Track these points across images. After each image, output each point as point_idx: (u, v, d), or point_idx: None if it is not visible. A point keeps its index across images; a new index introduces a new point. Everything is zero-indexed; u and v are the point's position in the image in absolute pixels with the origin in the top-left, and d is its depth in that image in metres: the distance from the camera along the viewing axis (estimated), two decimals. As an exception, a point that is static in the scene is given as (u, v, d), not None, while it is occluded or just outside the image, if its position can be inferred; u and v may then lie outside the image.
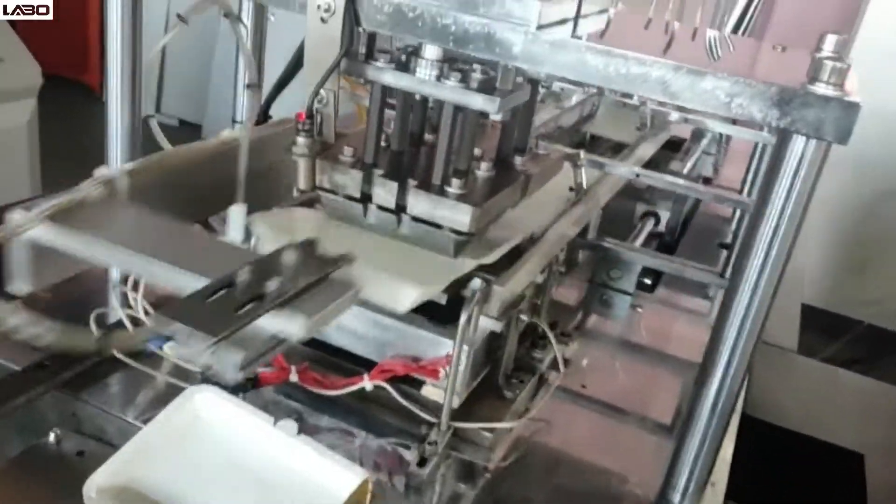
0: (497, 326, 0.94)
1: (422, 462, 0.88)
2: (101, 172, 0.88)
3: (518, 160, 1.03)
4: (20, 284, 0.80)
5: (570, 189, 1.29)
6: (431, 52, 0.89)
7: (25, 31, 4.96)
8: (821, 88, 0.71)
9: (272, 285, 0.68)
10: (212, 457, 0.80)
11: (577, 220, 1.16)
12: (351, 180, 0.93)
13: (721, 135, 1.95)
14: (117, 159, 1.05)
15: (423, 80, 0.89)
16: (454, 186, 0.91)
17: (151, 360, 0.95)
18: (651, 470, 0.93)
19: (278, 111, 1.19)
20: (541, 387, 1.08)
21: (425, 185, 0.92)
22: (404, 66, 0.90)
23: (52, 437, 0.88)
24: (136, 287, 0.93)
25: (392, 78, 0.90)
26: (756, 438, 1.10)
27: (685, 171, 1.75)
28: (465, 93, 0.87)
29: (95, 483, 0.73)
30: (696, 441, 0.87)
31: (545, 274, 1.09)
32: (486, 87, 0.88)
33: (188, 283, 0.69)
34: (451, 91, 0.88)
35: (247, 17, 1.22)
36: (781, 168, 0.75)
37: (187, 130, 4.68)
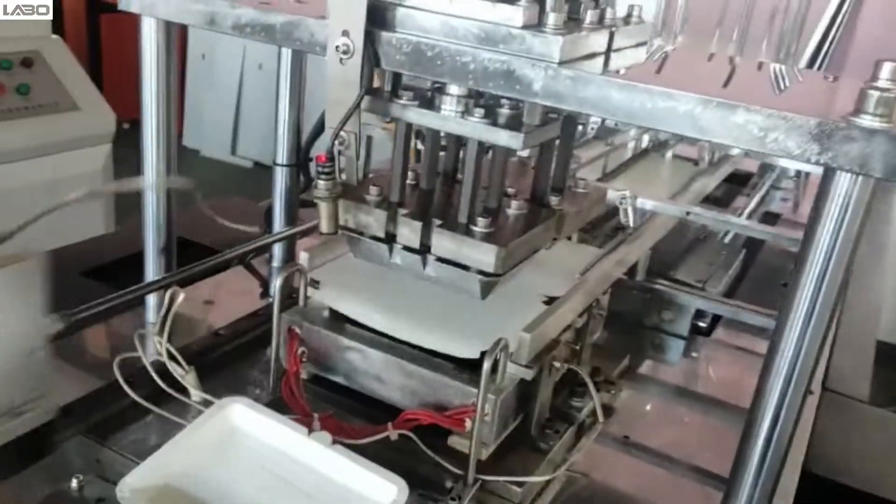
0: (527, 374, 0.89)
1: (443, 519, 0.83)
2: None
3: (554, 199, 0.99)
4: None
5: (617, 229, 1.24)
6: (455, 87, 0.86)
7: (108, 77, 5.23)
8: (866, 120, 0.65)
9: None
10: (246, 463, 0.81)
11: (619, 262, 1.11)
12: (375, 220, 0.91)
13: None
14: (153, 181, 1.06)
15: (447, 116, 0.86)
16: (480, 225, 0.87)
17: (177, 407, 0.94)
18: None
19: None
20: (581, 437, 1.02)
21: (450, 225, 0.89)
22: (429, 103, 0.88)
23: (74, 482, 0.87)
24: (161, 331, 0.92)
25: (415, 115, 0.88)
26: (818, 498, 1.01)
27: (750, 207, 1.67)
28: (489, 129, 0.84)
29: (128, 484, 0.74)
30: (742, 499, 0.80)
31: (584, 318, 1.04)
32: (512, 123, 0.85)
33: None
34: (474, 127, 0.85)
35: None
36: (826, 207, 0.69)
37: (261, 171, 4.80)
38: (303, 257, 0.98)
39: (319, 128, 1.21)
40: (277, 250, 1.29)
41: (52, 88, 2.70)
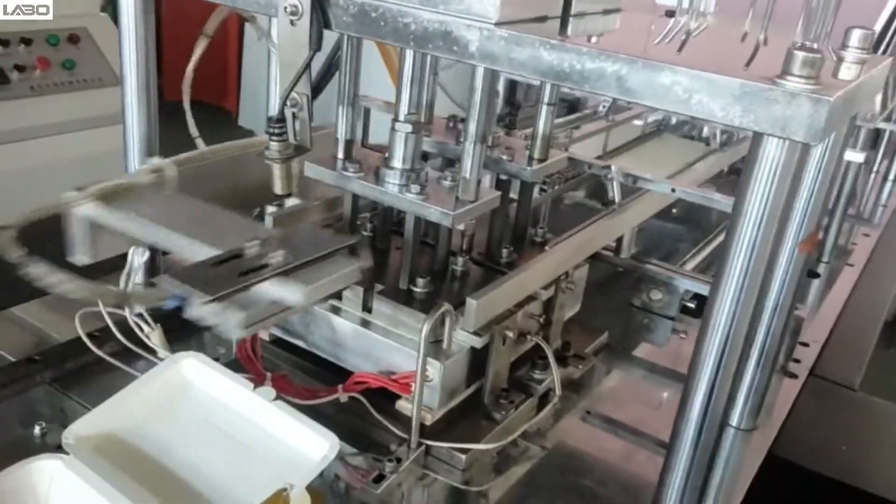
0: (476, 342, 0.89)
1: (378, 479, 0.84)
2: (152, 162, 0.99)
3: (504, 252, 1.00)
4: (80, 257, 0.91)
5: (603, 204, 1.23)
6: (398, 161, 0.90)
7: (168, 57, 5.37)
8: (791, 82, 0.63)
9: (278, 257, 0.77)
10: (192, 415, 0.83)
11: (593, 237, 1.09)
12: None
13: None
14: (134, 149, 1.09)
15: (386, 191, 0.90)
16: (419, 286, 0.91)
17: (141, 364, 0.97)
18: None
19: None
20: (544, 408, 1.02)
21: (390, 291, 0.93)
22: (374, 176, 0.90)
23: (37, 429, 0.91)
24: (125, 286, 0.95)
25: (358, 187, 0.92)
26: (784, 484, 0.98)
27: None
28: (423, 206, 0.87)
29: (73, 432, 0.77)
30: (680, 472, 0.79)
31: (551, 290, 1.03)
32: (445, 200, 0.88)
33: (206, 254, 0.80)
34: (410, 203, 0.88)
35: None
36: (754, 171, 0.67)
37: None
38: (267, 219, 0.99)
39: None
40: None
41: (97, 64, 2.78)
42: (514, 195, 1.07)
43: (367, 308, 0.93)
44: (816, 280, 1.53)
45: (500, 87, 1.55)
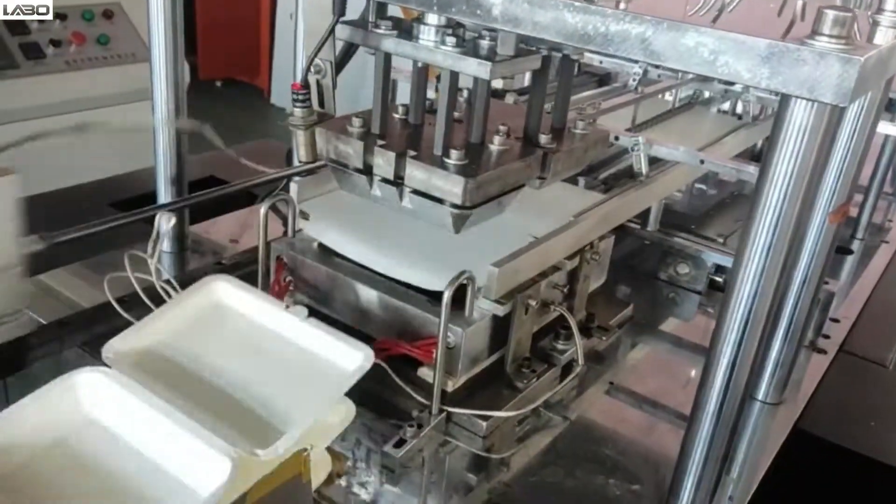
0: (498, 310, 0.89)
1: (399, 443, 0.84)
2: None
3: (543, 138, 0.97)
4: None
5: (630, 176, 1.21)
6: (433, 17, 0.86)
7: (203, 37, 5.40)
8: (821, 42, 0.61)
9: None
10: (226, 332, 0.84)
11: (620, 208, 1.08)
12: (354, 151, 0.92)
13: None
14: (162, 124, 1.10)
15: (421, 46, 0.86)
16: (452, 158, 0.87)
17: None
18: (664, 475, 0.85)
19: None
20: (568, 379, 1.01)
21: (424, 156, 0.89)
22: (406, 33, 0.88)
23: (68, 389, 0.93)
24: (152, 253, 0.96)
25: (392, 44, 0.88)
26: (810, 458, 0.96)
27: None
28: (459, 58, 0.84)
29: (113, 347, 0.78)
30: (701, 443, 0.78)
31: (575, 261, 1.02)
32: (482, 53, 0.84)
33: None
34: (445, 56, 0.84)
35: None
36: (781, 135, 0.65)
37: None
38: (292, 188, 1.00)
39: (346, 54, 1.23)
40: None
41: (131, 39, 2.81)
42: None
43: (399, 176, 0.90)
44: (850, 257, 1.51)
45: None
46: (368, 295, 0.95)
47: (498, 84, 1.25)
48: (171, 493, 0.67)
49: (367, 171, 0.92)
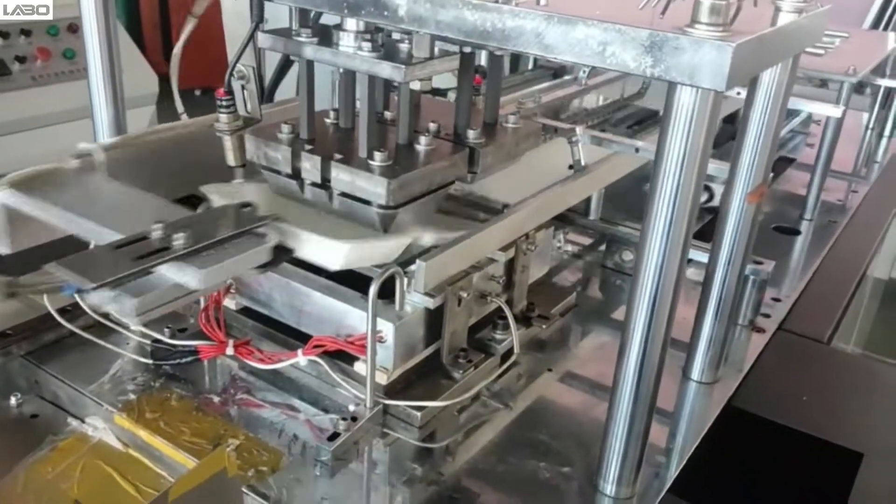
0: (429, 303, 0.91)
1: (332, 437, 0.86)
2: (80, 147, 0.99)
3: (472, 133, 0.99)
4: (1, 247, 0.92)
5: (570, 167, 1.23)
6: (351, 23, 0.88)
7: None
8: (699, 30, 0.64)
9: (182, 239, 0.75)
10: None
11: (554, 200, 1.10)
12: (282, 156, 0.94)
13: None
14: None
15: (340, 52, 0.88)
16: (376, 159, 0.89)
17: (113, 338, 1.01)
18: (594, 456, 0.87)
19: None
20: (509, 369, 1.04)
21: (349, 159, 0.91)
22: (327, 40, 0.90)
23: (13, 399, 0.95)
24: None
25: (311, 51, 0.90)
26: (748, 436, 0.99)
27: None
28: (375, 62, 0.86)
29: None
30: (621, 422, 0.80)
31: (510, 252, 1.04)
32: (397, 56, 0.86)
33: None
34: (362, 61, 0.87)
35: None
36: (671, 120, 0.68)
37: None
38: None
39: (280, 73, 1.25)
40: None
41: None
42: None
43: (326, 179, 0.91)
44: (800, 237, 1.53)
45: None
46: (304, 294, 0.97)
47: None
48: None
49: (297, 175, 0.94)
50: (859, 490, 0.86)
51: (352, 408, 0.91)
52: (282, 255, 0.85)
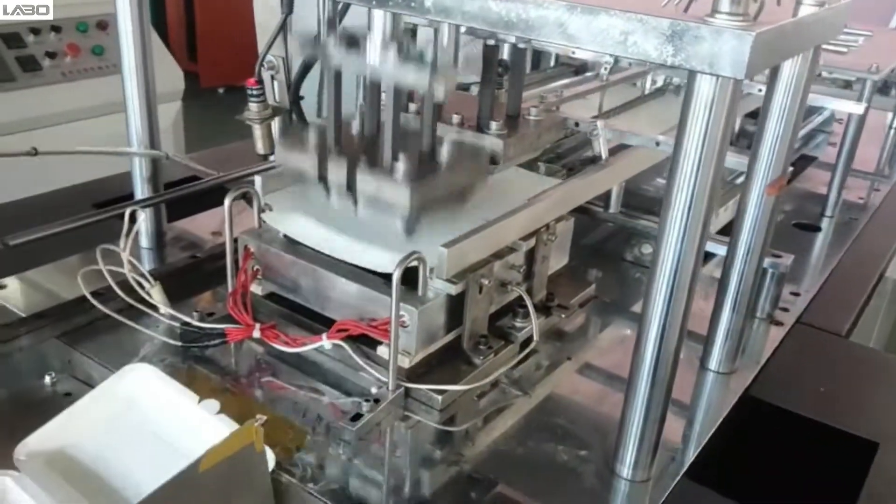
0: (451, 289, 0.93)
1: (355, 417, 0.89)
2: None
3: (494, 125, 1.01)
4: None
5: (591, 160, 1.25)
6: (378, 31, 0.90)
7: (202, 46, 5.47)
8: (719, 19, 0.65)
9: None
10: (140, 429, 0.86)
11: (575, 191, 1.12)
12: (309, 161, 0.96)
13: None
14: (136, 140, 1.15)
15: (366, 59, 0.90)
16: (399, 165, 0.92)
17: (144, 321, 1.03)
18: (611, 442, 0.88)
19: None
20: (529, 357, 1.06)
21: (373, 165, 0.93)
22: (355, 47, 0.92)
23: (47, 379, 0.98)
24: (124, 246, 1.01)
25: (338, 58, 0.92)
26: (764, 425, 1.00)
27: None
28: (399, 69, 0.88)
29: (27, 447, 0.80)
30: (638, 407, 0.82)
31: (531, 242, 1.06)
32: (421, 64, 0.88)
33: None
34: (385, 68, 0.89)
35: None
36: (690, 109, 0.69)
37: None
38: (257, 181, 1.04)
39: (304, 69, 1.27)
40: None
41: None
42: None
43: (350, 183, 0.93)
44: (821, 234, 1.54)
45: None
46: (330, 280, 0.99)
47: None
48: None
49: (323, 180, 0.96)
50: (874, 478, 0.87)
51: (374, 390, 0.94)
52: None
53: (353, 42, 0.91)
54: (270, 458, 0.79)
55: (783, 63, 0.88)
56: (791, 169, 0.95)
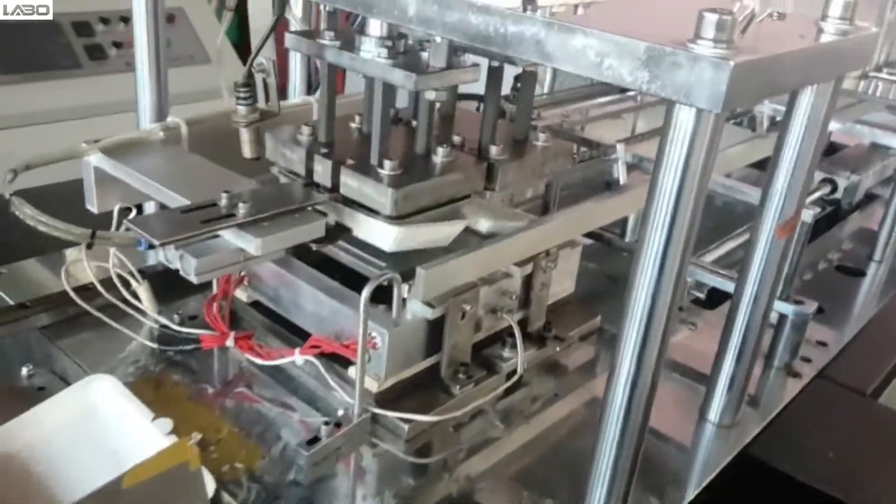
0: (427, 313, 0.89)
1: (312, 441, 0.85)
2: (168, 120, 1.07)
3: (494, 149, 0.96)
4: (90, 205, 0.99)
5: (607, 185, 1.19)
6: (373, 29, 0.86)
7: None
8: (701, 46, 0.59)
9: (245, 208, 0.80)
10: (91, 441, 0.84)
11: (581, 218, 1.05)
12: (297, 159, 0.93)
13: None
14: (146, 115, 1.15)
15: (358, 57, 0.87)
16: (385, 168, 0.88)
17: (126, 319, 1.02)
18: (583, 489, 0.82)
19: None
20: (517, 389, 1.00)
21: (359, 166, 0.89)
22: (349, 45, 0.88)
23: (24, 370, 0.98)
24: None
25: (332, 55, 0.89)
26: (759, 486, 0.92)
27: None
28: (389, 69, 0.84)
29: None
30: (606, 461, 0.76)
31: (526, 268, 1.00)
32: (410, 64, 0.84)
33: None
34: (377, 67, 0.85)
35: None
36: (668, 139, 0.63)
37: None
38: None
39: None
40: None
41: (190, 43, 2.90)
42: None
43: (335, 184, 0.91)
44: (864, 280, 1.43)
45: None
46: (307, 292, 0.96)
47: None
48: None
49: (310, 178, 0.93)
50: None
51: (340, 413, 0.90)
52: (338, 233, 0.90)
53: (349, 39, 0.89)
54: (209, 480, 0.75)
55: (801, 93, 0.80)
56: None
